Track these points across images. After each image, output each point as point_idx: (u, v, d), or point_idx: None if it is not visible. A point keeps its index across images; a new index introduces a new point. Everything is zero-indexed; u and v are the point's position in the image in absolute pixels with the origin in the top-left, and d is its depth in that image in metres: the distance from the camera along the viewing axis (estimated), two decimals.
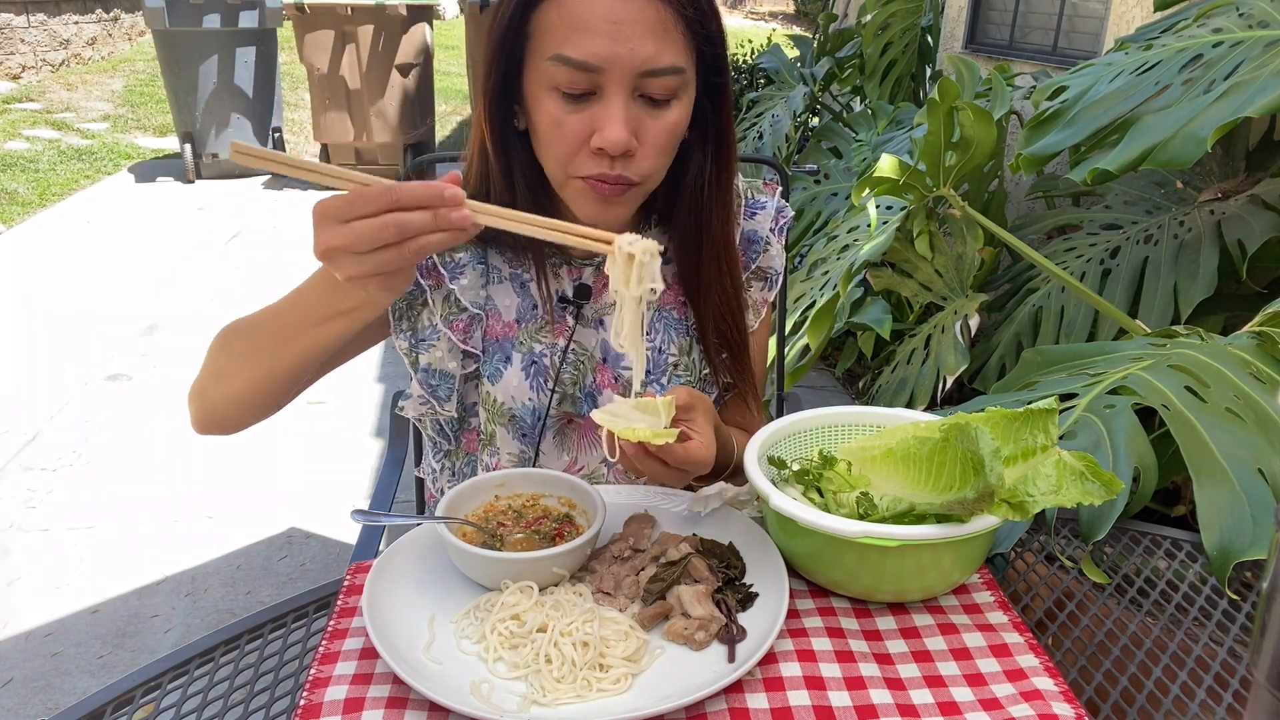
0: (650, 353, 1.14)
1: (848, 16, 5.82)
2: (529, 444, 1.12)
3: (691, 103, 0.99)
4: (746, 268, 1.19)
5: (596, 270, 1.13)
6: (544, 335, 1.11)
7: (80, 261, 4.98)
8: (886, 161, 2.18)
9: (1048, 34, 3.89)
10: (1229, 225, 1.99)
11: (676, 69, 0.94)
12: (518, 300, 1.12)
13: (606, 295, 1.13)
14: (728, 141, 1.07)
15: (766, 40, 6.07)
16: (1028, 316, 2.36)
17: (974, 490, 0.81)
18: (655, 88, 0.94)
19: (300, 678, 0.82)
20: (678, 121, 0.97)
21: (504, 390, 1.10)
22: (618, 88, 0.92)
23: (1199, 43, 1.90)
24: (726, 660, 0.78)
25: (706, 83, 1.01)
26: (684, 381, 1.15)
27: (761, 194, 1.20)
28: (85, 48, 9.48)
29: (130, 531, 2.74)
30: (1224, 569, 0.97)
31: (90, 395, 3.55)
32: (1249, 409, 1.10)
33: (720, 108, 1.05)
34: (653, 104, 0.96)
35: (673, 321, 1.15)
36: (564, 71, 0.92)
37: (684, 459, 0.89)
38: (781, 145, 4.07)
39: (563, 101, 0.94)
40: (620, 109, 0.93)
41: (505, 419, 1.11)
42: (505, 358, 1.11)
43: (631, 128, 0.94)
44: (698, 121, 1.04)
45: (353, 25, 5.88)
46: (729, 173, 1.09)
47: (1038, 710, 0.74)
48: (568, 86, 0.93)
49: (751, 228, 1.19)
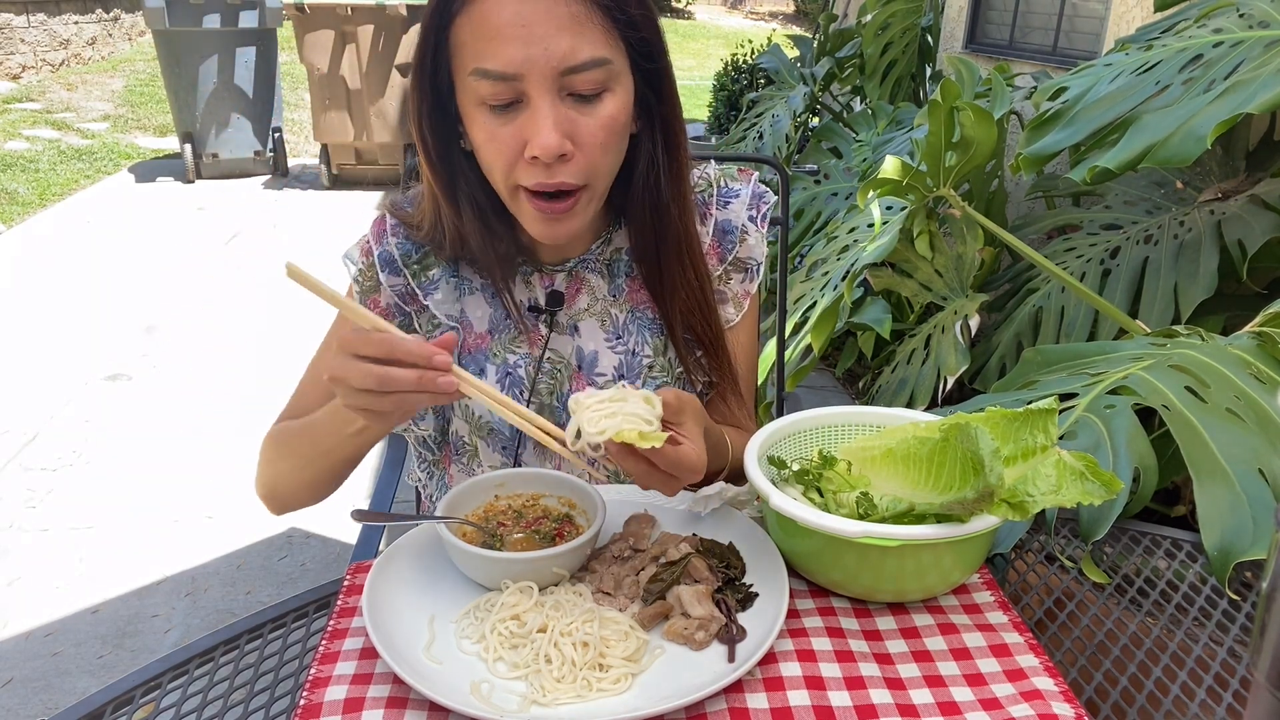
0: (624, 355, 1.12)
1: (848, 16, 5.82)
2: (509, 455, 1.11)
3: (628, 93, 0.95)
4: (723, 259, 1.15)
5: (569, 276, 1.11)
6: (518, 345, 1.10)
7: (80, 261, 4.98)
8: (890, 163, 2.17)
9: (1048, 34, 3.89)
10: (1229, 225, 1.99)
11: (599, 61, 0.90)
12: (490, 311, 1.10)
13: (579, 300, 1.11)
14: (675, 128, 1.03)
15: (766, 40, 6.07)
16: (1028, 316, 2.36)
17: (974, 490, 0.81)
18: (581, 84, 0.90)
19: (300, 678, 0.82)
20: (613, 116, 0.93)
21: (480, 403, 1.09)
22: (541, 91, 0.89)
23: (1199, 43, 1.90)
24: (726, 660, 0.78)
25: (642, 70, 0.97)
26: (660, 383, 1.12)
27: (735, 181, 1.15)
28: (85, 48, 9.48)
29: (130, 531, 2.74)
30: (1224, 569, 0.97)
31: (90, 395, 3.55)
32: (1249, 409, 1.10)
33: (662, 94, 1.01)
34: (583, 100, 0.92)
35: (646, 322, 1.12)
36: (485, 84, 0.89)
37: (675, 462, 0.84)
38: (781, 145, 4.06)
39: (491, 115, 0.92)
40: (547, 113, 0.89)
41: (484, 432, 1.10)
42: (479, 370, 1.09)
43: (563, 130, 0.90)
44: (643, 111, 1.00)
45: (353, 25, 5.88)
46: (681, 160, 1.05)
47: (1038, 710, 0.74)
48: (492, 99, 0.90)
49: (725, 217, 1.14)
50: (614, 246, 1.12)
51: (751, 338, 1.22)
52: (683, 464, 0.85)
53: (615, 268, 1.13)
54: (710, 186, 1.14)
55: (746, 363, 1.21)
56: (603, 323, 1.12)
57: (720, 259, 1.15)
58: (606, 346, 1.11)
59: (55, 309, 4.34)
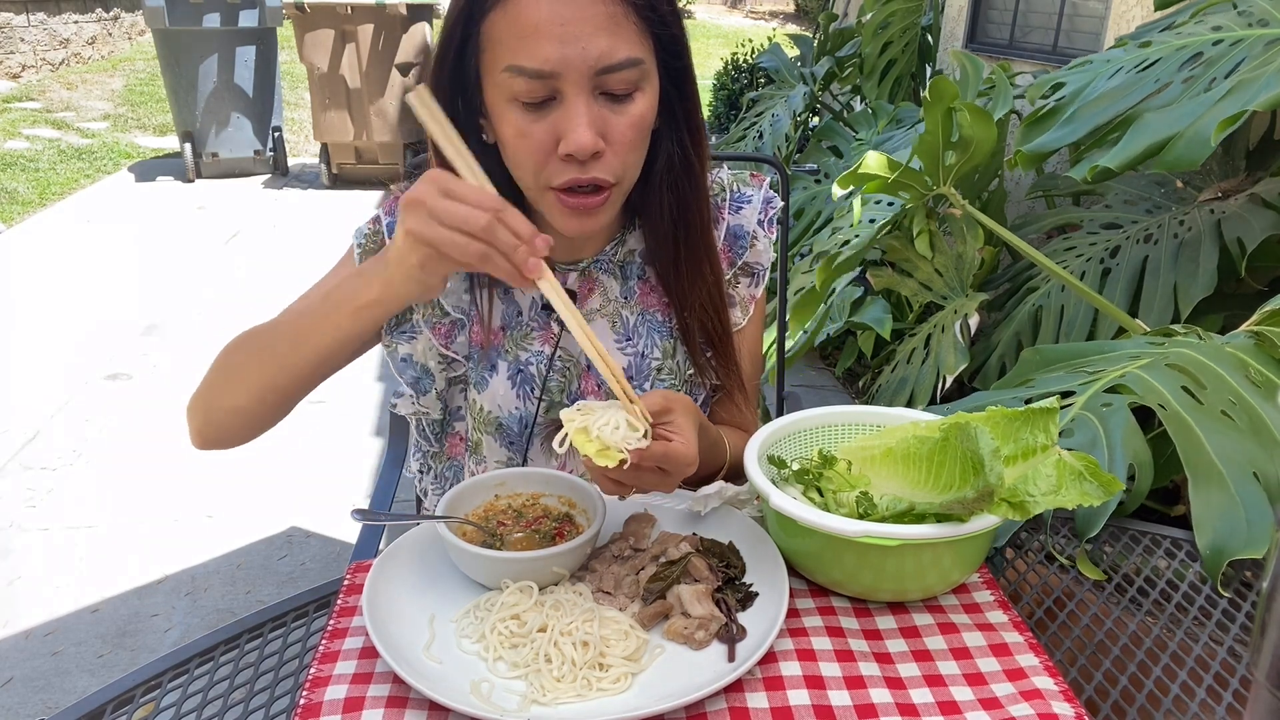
0: (633, 357, 1.12)
1: (848, 16, 5.82)
2: (516, 451, 1.11)
3: (656, 92, 0.96)
4: (732, 264, 1.16)
5: (581, 275, 1.11)
6: (530, 343, 1.10)
7: (80, 261, 4.98)
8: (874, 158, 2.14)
9: (1048, 33, 3.90)
10: (1229, 224, 1.99)
11: (634, 61, 0.91)
12: (503, 307, 1.11)
13: (592, 300, 1.12)
14: (696, 125, 1.04)
15: (767, 39, 6.07)
16: (1027, 315, 2.36)
17: (974, 490, 0.81)
18: (615, 83, 0.91)
19: (300, 677, 0.82)
20: (644, 114, 0.94)
21: (490, 399, 1.09)
22: (577, 90, 0.89)
23: (1199, 40, 1.90)
24: (726, 659, 0.78)
25: (667, 68, 0.98)
26: (668, 385, 1.12)
27: (748, 186, 1.16)
28: (85, 47, 9.47)
29: (130, 531, 2.74)
30: (1216, 568, 0.97)
31: (90, 395, 3.55)
32: (1244, 411, 1.10)
33: (685, 91, 1.02)
34: (615, 100, 0.92)
35: (656, 324, 1.13)
36: (520, 81, 0.89)
37: (663, 457, 0.85)
38: (782, 145, 4.06)
39: (524, 111, 0.91)
40: (583, 111, 0.90)
41: (492, 427, 1.10)
42: (491, 366, 1.09)
43: (597, 128, 0.91)
44: (664, 108, 1.01)
45: (353, 25, 5.88)
46: (701, 155, 1.06)
47: (1037, 709, 0.74)
48: (526, 96, 0.90)
49: (737, 222, 1.15)
50: (627, 248, 1.13)
51: (757, 341, 1.23)
52: (672, 458, 0.86)
53: (628, 270, 1.13)
54: (723, 191, 1.15)
55: (752, 365, 1.22)
56: (614, 324, 1.12)
57: (730, 263, 1.16)
58: (617, 348, 1.12)
59: (55, 309, 4.34)
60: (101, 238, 5.35)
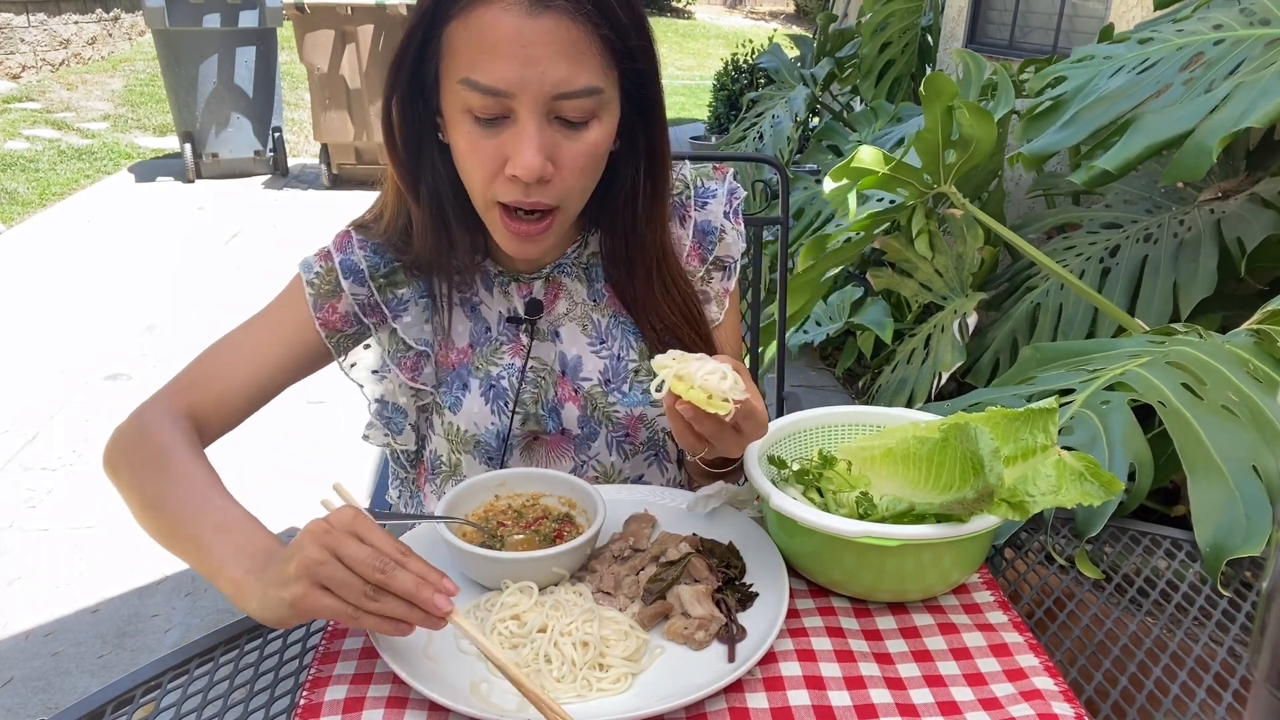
0: (608, 360, 1.10)
1: (848, 16, 5.82)
2: (494, 466, 1.10)
3: (614, 120, 0.95)
4: (704, 260, 1.14)
5: (546, 282, 1.10)
6: (500, 357, 1.08)
7: (80, 261, 4.98)
8: (868, 152, 2.11)
9: (1048, 33, 3.90)
10: (1228, 224, 1.98)
11: (592, 90, 0.89)
12: (470, 324, 1.09)
13: (559, 305, 1.10)
14: (660, 154, 1.02)
15: (767, 40, 6.07)
16: (1025, 313, 2.36)
17: (974, 490, 0.81)
18: (570, 110, 0.90)
19: (300, 677, 0.82)
20: (596, 143, 0.93)
21: (465, 418, 1.07)
22: (530, 112, 0.88)
23: (1200, 40, 1.90)
24: (726, 660, 0.78)
25: (631, 98, 0.97)
26: (646, 386, 1.11)
27: (711, 180, 1.15)
28: (85, 47, 9.48)
29: (130, 531, 2.72)
30: (1216, 565, 0.97)
31: (90, 395, 3.55)
32: (1245, 407, 1.10)
33: (651, 121, 1.00)
34: (569, 125, 0.91)
35: (629, 326, 1.12)
36: (474, 96, 0.88)
37: (748, 415, 0.84)
38: (783, 146, 4.06)
39: (476, 125, 0.90)
40: (533, 135, 0.89)
41: (470, 446, 1.08)
42: (463, 385, 1.08)
43: (546, 152, 0.90)
44: (626, 132, 0.99)
45: (353, 25, 5.88)
46: (662, 188, 1.05)
47: (1037, 710, 0.74)
48: (480, 111, 0.89)
49: (704, 218, 1.13)
50: (590, 250, 1.11)
51: (735, 331, 1.22)
52: (755, 416, 0.86)
53: (593, 272, 1.12)
54: (687, 188, 1.14)
55: (733, 355, 1.20)
56: (584, 327, 1.11)
57: (701, 260, 1.14)
58: (590, 351, 1.10)
59: (55, 309, 4.34)
60: (101, 238, 5.35)
